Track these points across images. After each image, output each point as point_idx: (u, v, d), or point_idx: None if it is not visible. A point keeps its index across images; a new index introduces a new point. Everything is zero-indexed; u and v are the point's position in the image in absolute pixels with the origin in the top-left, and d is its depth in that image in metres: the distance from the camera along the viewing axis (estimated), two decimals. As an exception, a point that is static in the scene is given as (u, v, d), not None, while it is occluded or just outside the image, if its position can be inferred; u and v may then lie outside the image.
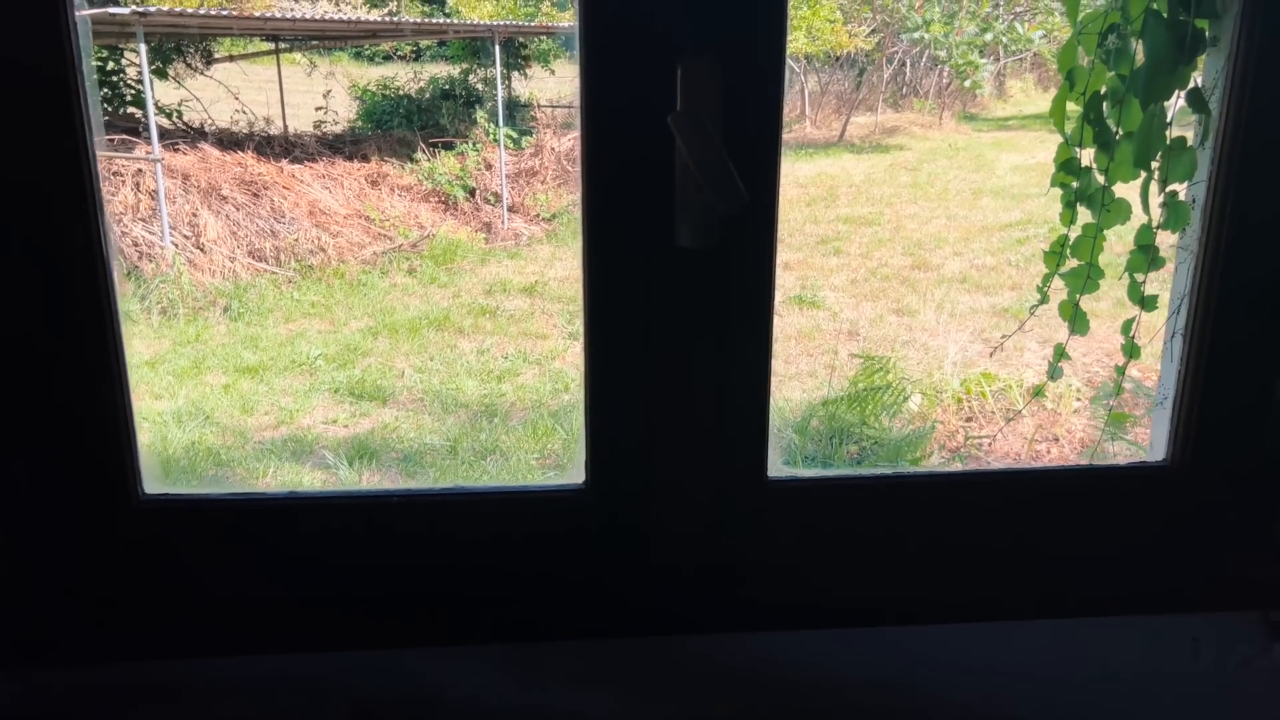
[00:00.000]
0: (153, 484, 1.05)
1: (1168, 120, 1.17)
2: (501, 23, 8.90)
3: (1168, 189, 1.15)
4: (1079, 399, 4.44)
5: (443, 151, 8.96)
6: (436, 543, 1.07)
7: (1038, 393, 3.19)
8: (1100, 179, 1.23)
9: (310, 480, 4.14)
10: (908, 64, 14.07)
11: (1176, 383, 1.10)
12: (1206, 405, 1.08)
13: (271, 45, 10.00)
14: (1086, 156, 1.26)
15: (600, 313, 1.02)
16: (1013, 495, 1.11)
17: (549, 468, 4.16)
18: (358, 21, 9.69)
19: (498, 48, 8.34)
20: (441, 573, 1.08)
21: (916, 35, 12.04)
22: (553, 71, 11.25)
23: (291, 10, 10.48)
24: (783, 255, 7.43)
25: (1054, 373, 1.50)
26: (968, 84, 12.64)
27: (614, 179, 0.98)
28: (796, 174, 10.59)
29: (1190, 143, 1.14)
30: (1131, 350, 1.24)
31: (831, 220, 8.40)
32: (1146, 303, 1.20)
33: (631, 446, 1.06)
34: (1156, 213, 1.15)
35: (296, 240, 7.11)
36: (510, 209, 8.75)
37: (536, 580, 1.08)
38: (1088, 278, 1.28)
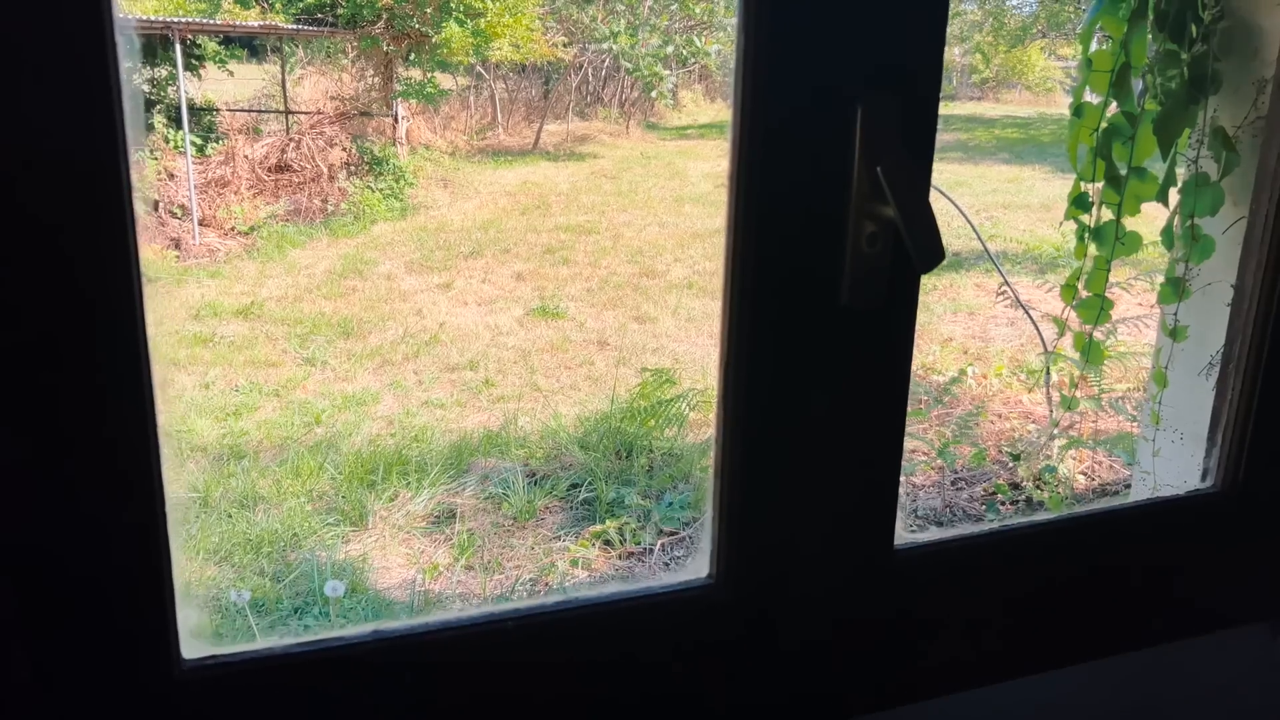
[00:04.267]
0: (194, 645, 0.78)
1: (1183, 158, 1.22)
2: (181, 19, 8.03)
3: (1189, 222, 1.20)
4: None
5: (114, 159, 7.93)
6: (557, 669, 0.89)
7: (1054, 424, 3.31)
8: (1108, 214, 1.27)
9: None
10: (590, 73, 14.42)
11: (1228, 411, 1.15)
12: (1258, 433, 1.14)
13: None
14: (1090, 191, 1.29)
15: (746, 381, 0.89)
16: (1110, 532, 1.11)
17: (325, 511, 3.78)
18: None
19: (179, 45, 7.51)
20: (565, 702, 0.90)
21: (606, 46, 12.35)
22: (231, 73, 10.36)
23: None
24: (514, 266, 7.32)
25: (1069, 404, 1.55)
26: (654, 94, 13.15)
27: (772, 231, 0.86)
28: (502, 182, 10.51)
29: (1213, 178, 1.19)
30: (1161, 379, 1.29)
31: (551, 229, 8.39)
32: (1177, 333, 1.25)
33: (766, 530, 0.94)
34: (1178, 246, 1.20)
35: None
36: (201, 222, 7.94)
37: (675, 689, 0.93)
38: (1100, 309, 1.33)
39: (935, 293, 6.93)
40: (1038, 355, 4.60)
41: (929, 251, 0.83)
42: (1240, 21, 1.19)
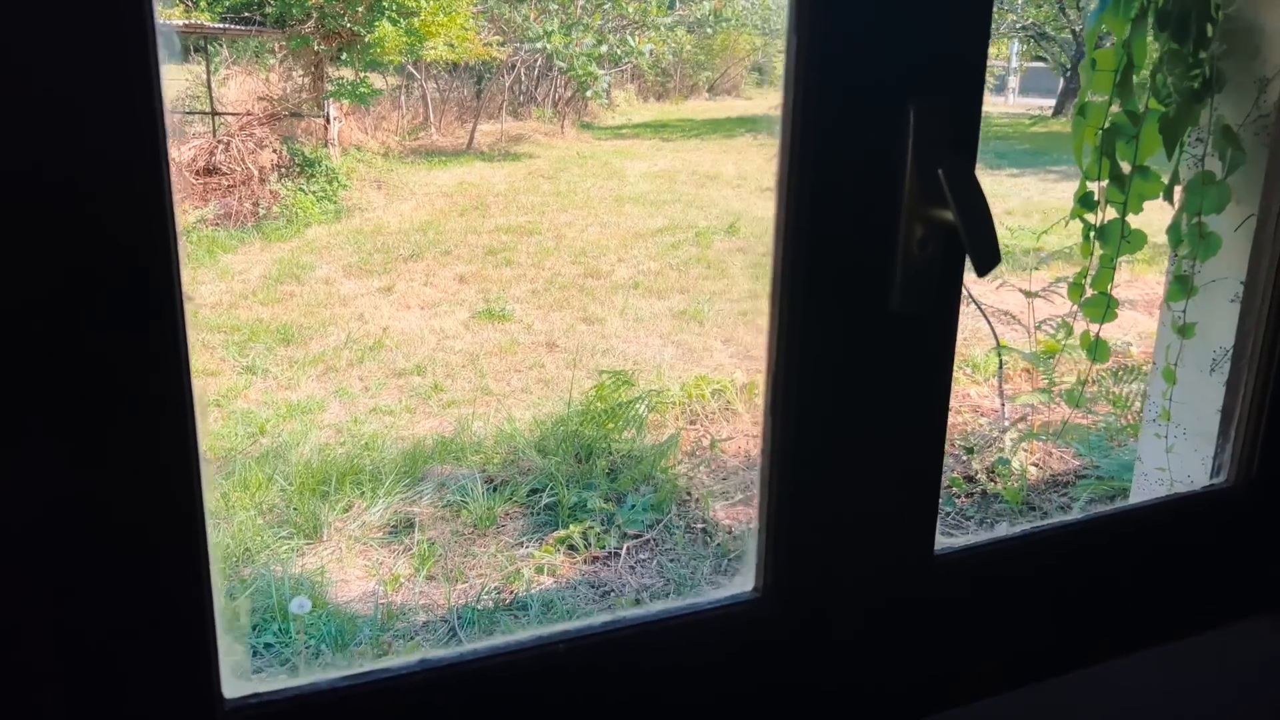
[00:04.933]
0: (235, 683, 0.73)
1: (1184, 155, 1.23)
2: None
3: (1195, 220, 1.22)
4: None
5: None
6: (610, 689, 0.86)
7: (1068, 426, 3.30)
8: (1113, 212, 1.28)
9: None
10: (523, 73, 14.31)
11: (1240, 406, 1.16)
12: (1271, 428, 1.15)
13: None
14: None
15: (796, 390, 0.87)
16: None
17: (277, 524, 3.67)
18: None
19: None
20: (617, 724, 0.87)
21: (539, 45, 12.28)
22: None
23: None
24: (456, 268, 7.22)
25: (1078, 400, 1.56)
26: (588, 94, 13.11)
27: (822, 236, 0.84)
28: (437, 182, 10.37)
29: (1218, 176, 1.21)
30: (1170, 376, 1.30)
31: (492, 230, 8.30)
32: (1185, 330, 1.26)
33: (813, 540, 0.92)
34: (1185, 244, 1.21)
35: None
36: (127, 228, 7.67)
37: (726, 702, 0.91)
38: (1106, 308, 1.33)
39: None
40: (987, 350, 4.68)
41: (988, 255, 0.82)
42: (1244, 20, 1.20)
